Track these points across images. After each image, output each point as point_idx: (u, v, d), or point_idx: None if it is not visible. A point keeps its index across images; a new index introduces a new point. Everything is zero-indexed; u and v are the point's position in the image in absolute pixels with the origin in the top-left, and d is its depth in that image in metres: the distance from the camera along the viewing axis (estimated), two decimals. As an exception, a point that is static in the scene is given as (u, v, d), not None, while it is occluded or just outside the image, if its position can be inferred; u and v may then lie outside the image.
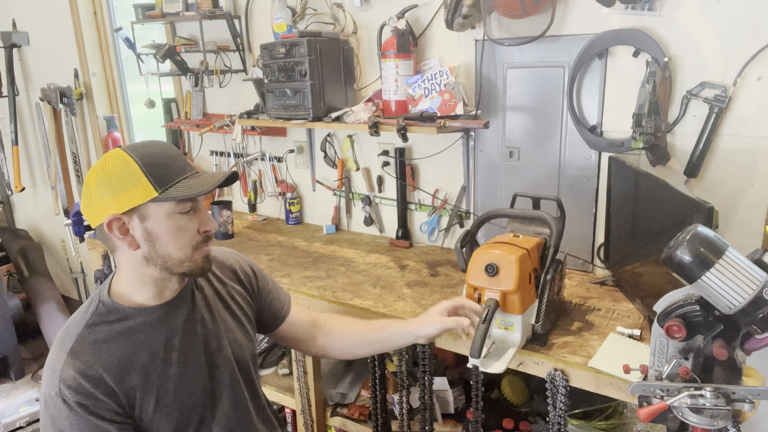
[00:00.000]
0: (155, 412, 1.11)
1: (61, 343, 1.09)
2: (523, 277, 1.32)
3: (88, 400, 1.04)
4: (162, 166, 1.07)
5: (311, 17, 2.25)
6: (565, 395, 1.32)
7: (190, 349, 1.18)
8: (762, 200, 1.53)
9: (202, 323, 1.22)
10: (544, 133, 1.86)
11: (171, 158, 1.10)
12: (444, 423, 1.85)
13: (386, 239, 2.32)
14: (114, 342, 1.10)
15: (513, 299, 1.31)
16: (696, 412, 0.91)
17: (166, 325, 1.16)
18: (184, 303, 1.20)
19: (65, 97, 3.30)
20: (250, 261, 1.42)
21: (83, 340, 1.09)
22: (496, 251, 1.33)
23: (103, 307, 1.13)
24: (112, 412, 1.07)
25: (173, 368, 1.14)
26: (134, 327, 1.13)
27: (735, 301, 0.85)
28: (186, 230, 1.10)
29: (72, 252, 3.71)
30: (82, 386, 1.04)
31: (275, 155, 2.62)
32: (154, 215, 1.07)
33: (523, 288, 1.32)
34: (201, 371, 1.19)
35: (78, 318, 1.13)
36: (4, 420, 2.78)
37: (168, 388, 1.13)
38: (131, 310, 1.13)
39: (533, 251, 1.39)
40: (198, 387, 1.18)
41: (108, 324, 1.11)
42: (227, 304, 1.30)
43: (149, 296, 1.15)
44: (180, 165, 1.10)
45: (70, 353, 1.06)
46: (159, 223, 1.08)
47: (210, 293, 1.27)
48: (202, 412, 1.19)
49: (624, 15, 1.63)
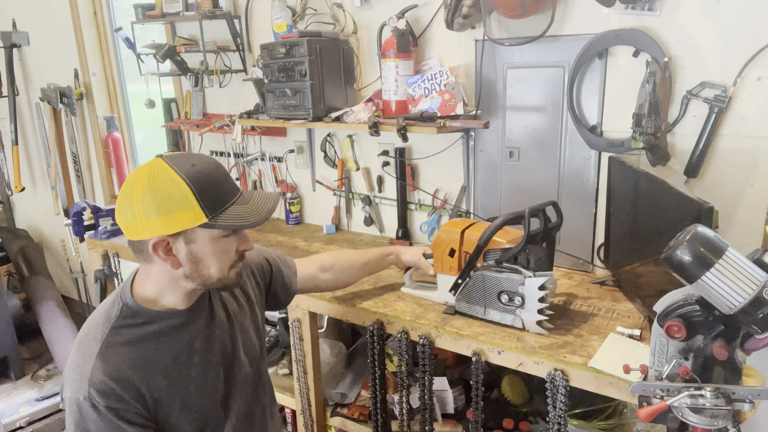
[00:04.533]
0: (180, 413, 1.12)
1: (87, 346, 1.08)
2: (440, 244, 1.60)
3: (118, 404, 1.04)
4: (212, 190, 1.05)
5: (311, 17, 2.25)
6: (565, 395, 1.32)
7: (209, 351, 1.19)
8: (762, 200, 1.53)
9: (220, 325, 1.23)
10: (544, 133, 1.86)
11: (221, 182, 1.08)
12: (444, 423, 1.85)
13: (386, 239, 2.32)
14: (140, 345, 1.10)
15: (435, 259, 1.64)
16: (696, 412, 0.91)
17: (188, 328, 1.16)
18: (204, 307, 1.21)
19: (65, 97, 3.30)
20: (263, 250, 1.46)
21: (111, 343, 1.07)
22: (444, 225, 1.67)
23: (128, 309, 1.12)
24: (139, 416, 1.07)
25: (194, 371, 1.16)
26: (159, 331, 1.12)
27: (735, 301, 0.85)
28: (228, 252, 1.11)
29: (72, 252, 3.71)
30: (112, 390, 1.03)
31: (275, 155, 2.62)
32: (200, 239, 1.07)
33: (439, 252, 1.61)
34: (218, 372, 1.21)
35: (101, 320, 1.12)
36: (4, 420, 2.78)
37: (191, 390, 1.14)
38: (155, 314, 1.13)
39: (467, 236, 1.57)
40: (216, 387, 1.20)
41: (133, 327, 1.11)
42: (241, 303, 1.31)
43: (176, 302, 1.15)
44: (228, 188, 1.09)
45: (98, 356, 1.05)
46: (204, 246, 1.07)
47: (226, 294, 1.28)
48: (218, 412, 1.21)
49: (624, 15, 1.63)
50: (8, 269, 3.82)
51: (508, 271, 1.46)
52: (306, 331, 1.83)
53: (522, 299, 1.44)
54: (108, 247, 2.40)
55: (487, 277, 1.49)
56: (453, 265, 1.59)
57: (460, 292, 1.56)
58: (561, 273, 1.87)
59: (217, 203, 1.05)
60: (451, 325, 1.53)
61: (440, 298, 1.66)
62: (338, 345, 2.13)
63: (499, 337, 1.46)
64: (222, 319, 1.24)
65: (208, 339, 1.19)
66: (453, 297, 1.59)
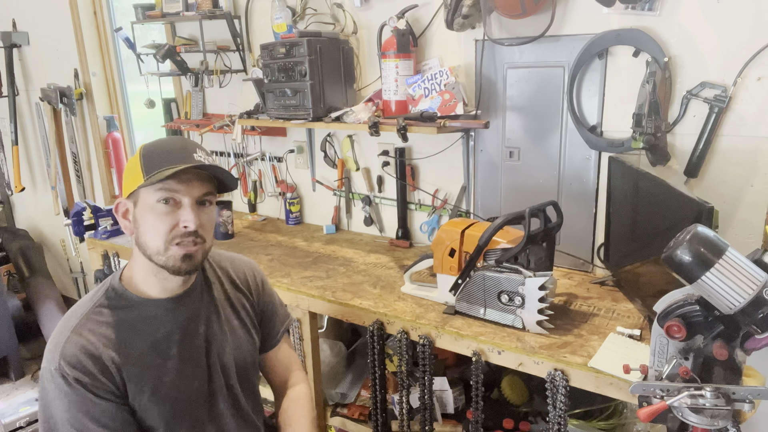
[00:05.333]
0: (148, 401, 1.13)
1: (66, 321, 1.13)
2: (440, 244, 1.60)
3: (86, 378, 1.07)
4: (155, 154, 1.11)
5: (311, 17, 2.25)
6: (565, 395, 1.32)
7: (190, 346, 1.19)
8: (762, 200, 1.53)
9: (207, 323, 1.23)
10: (544, 133, 1.86)
11: (170, 150, 1.11)
12: (444, 423, 1.85)
13: (386, 239, 2.32)
14: (117, 327, 1.13)
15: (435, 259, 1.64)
16: (696, 412, 0.91)
17: (168, 319, 1.17)
18: (190, 301, 1.21)
19: (65, 97, 3.30)
20: (264, 277, 1.43)
21: (88, 321, 1.12)
22: (444, 225, 1.67)
23: (113, 291, 1.16)
24: (109, 393, 1.09)
25: (171, 362, 1.16)
26: (138, 316, 1.15)
27: (735, 301, 0.85)
28: (163, 221, 1.10)
29: (72, 252, 3.71)
30: (81, 364, 1.07)
31: (275, 155, 2.62)
32: (141, 202, 1.11)
33: (439, 252, 1.61)
34: (199, 370, 1.20)
35: (86, 299, 1.17)
36: (4, 420, 2.78)
37: (164, 380, 1.15)
38: (138, 300, 1.16)
39: (467, 236, 1.57)
40: (194, 386, 1.19)
41: (114, 309, 1.14)
42: (236, 309, 1.31)
43: (155, 289, 1.17)
44: (177, 157, 1.10)
45: (73, 331, 1.09)
46: (143, 210, 1.11)
47: (220, 296, 1.28)
48: (197, 412, 1.20)
49: (624, 15, 1.63)
50: (8, 269, 3.82)
51: (509, 271, 1.46)
52: (306, 331, 1.83)
53: (522, 299, 1.44)
54: (108, 247, 2.40)
55: (488, 277, 1.49)
56: (453, 265, 1.59)
57: (460, 292, 1.56)
58: (561, 273, 1.87)
59: (155, 166, 1.09)
60: (451, 325, 1.53)
61: (440, 298, 1.66)
62: (338, 345, 2.13)
63: (499, 337, 1.46)
64: (210, 318, 1.24)
65: (190, 334, 1.19)
66: (453, 297, 1.59)
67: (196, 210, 1.12)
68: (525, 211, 1.47)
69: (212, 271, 1.31)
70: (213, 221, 1.19)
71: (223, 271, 1.34)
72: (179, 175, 1.08)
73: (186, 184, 1.10)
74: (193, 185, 1.11)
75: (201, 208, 1.13)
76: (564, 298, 1.68)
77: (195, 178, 1.11)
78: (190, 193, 1.11)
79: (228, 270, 1.35)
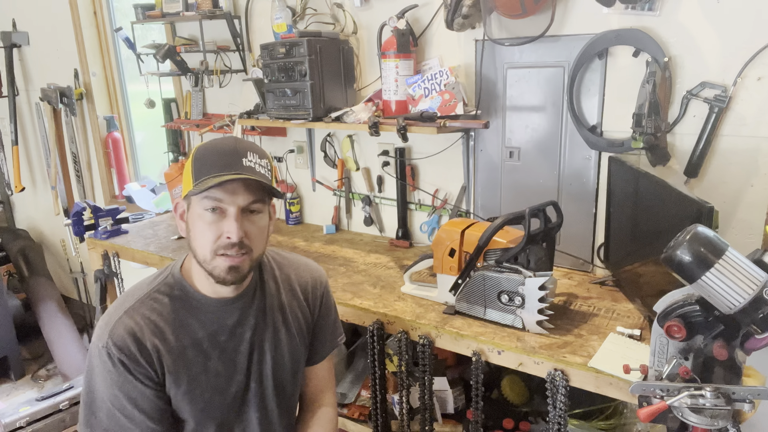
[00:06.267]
0: (183, 396, 1.14)
1: (123, 301, 1.15)
2: (440, 244, 1.60)
3: (130, 362, 1.09)
4: (206, 159, 1.09)
5: (311, 17, 2.25)
6: (565, 395, 1.32)
7: (234, 351, 1.20)
8: (762, 200, 1.53)
9: (254, 329, 1.22)
10: (545, 133, 1.86)
11: (220, 154, 1.09)
12: (444, 423, 1.84)
13: (386, 239, 2.32)
14: (168, 317, 1.14)
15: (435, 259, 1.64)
16: (696, 412, 0.91)
17: (216, 319, 1.18)
18: (241, 305, 1.20)
19: (65, 97, 3.30)
20: (327, 289, 1.38)
21: (142, 305, 1.13)
22: (444, 225, 1.68)
23: (172, 279, 1.18)
24: (148, 379, 1.11)
25: (211, 363, 1.17)
26: (190, 310, 1.16)
27: (735, 301, 0.85)
28: (209, 230, 1.08)
29: (72, 252, 3.71)
30: (127, 346, 1.08)
31: (275, 155, 2.62)
32: (192, 208, 1.11)
33: (439, 252, 1.61)
34: (238, 376, 1.21)
35: (146, 282, 1.19)
36: (4, 420, 2.78)
37: (201, 379, 1.16)
38: (192, 292, 1.17)
39: (467, 236, 1.57)
40: (230, 390, 1.20)
41: (170, 298, 1.15)
42: (287, 319, 1.28)
43: (207, 289, 1.17)
44: (225, 162, 1.07)
45: (126, 312, 1.12)
46: (194, 216, 1.11)
47: (274, 302, 1.26)
48: (227, 415, 1.21)
49: (624, 15, 1.63)
50: (8, 269, 3.83)
51: (509, 271, 1.46)
52: (306, 331, 1.83)
53: (522, 299, 1.44)
54: (108, 247, 2.40)
55: (488, 277, 1.49)
56: (453, 265, 1.59)
57: (460, 292, 1.56)
58: (561, 273, 1.87)
59: (203, 171, 1.08)
60: (451, 325, 1.53)
61: (440, 298, 1.66)
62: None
63: (499, 337, 1.46)
64: (257, 324, 1.22)
65: (235, 338, 1.19)
66: (453, 297, 1.59)
67: (241, 219, 1.09)
68: (525, 211, 1.47)
69: (271, 275, 1.29)
70: (262, 229, 1.14)
71: (285, 276, 1.31)
72: (225, 184, 1.06)
73: (231, 193, 1.07)
74: (239, 194, 1.08)
75: (248, 216, 1.10)
76: (564, 298, 1.68)
77: (241, 186, 1.08)
78: (235, 203, 1.08)
79: (290, 276, 1.32)
